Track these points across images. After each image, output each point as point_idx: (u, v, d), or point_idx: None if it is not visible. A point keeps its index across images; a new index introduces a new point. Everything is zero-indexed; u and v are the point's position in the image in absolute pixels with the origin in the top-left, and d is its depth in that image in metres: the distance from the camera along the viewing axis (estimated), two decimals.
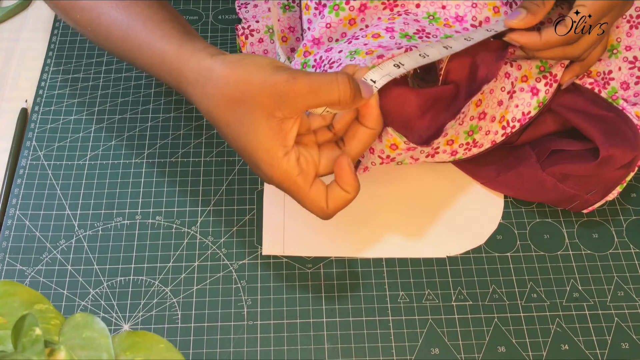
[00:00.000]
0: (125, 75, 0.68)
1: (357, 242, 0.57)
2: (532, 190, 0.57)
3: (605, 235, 0.58)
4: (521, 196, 0.58)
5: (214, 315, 0.53)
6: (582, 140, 0.56)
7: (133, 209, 0.59)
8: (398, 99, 0.50)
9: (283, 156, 0.43)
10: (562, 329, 0.53)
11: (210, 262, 0.56)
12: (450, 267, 0.56)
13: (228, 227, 0.58)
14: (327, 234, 0.57)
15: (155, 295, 0.54)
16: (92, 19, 0.49)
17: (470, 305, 0.54)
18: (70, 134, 0.64)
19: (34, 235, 0.57)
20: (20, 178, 0.61)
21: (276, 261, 0.56)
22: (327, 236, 0.57)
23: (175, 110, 0.66)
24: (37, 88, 0.67)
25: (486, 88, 0.51)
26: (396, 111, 0.50)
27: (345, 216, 0.58)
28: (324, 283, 0.55)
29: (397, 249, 0.57)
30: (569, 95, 0.58)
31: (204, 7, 0.74)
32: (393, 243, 0.57)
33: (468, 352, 0.52)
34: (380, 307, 0.54)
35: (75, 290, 0.55)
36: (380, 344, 0.52)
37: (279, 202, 0.59)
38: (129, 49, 0.47)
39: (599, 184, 0.56)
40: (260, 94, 0.41)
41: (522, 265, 0.56)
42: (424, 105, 0.51)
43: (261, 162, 0.43)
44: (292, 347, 0.52)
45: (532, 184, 0.57)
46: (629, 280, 0.55)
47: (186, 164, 0.62)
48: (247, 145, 0.43)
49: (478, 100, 0.52)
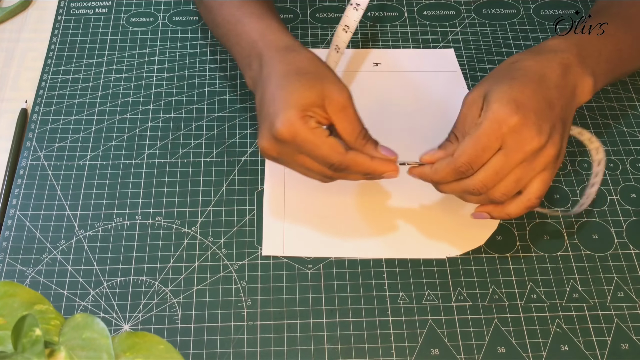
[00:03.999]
0: (125, 76, 0.68)
1: (357, 243, 0.57)
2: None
3: (605, 236, 0.58)
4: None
5: (214, 316, 0.53)
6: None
7: (133, 209, 0.59)
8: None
9: (309, 116, 0.49)
10: (562, 330, 0.53)
11: (210, 263, 0.56)
12: (450, 267, 0.56)
13: (228, 227, 0.58)
14: (327, 235, 0.57)
15: (155, 295, 0.54)
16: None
17: (470, 305, 0.54)
18: (70, 134, 0.64)
19: (34, 236, 0.57)
20: (20, 178, 0.61)
21: (276, 261, 0.56)
22: (327, 236, 0.57)
23: (175, 110, 0.66)
24: (37, 88, 0.67)
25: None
26: None
27: (345, 217, 0.58)
28: (324, 283, 0.55)
29: (397, 250, 0.57)
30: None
31: None
32: (393, 243, 0.57)
33: (468, 352, 0.52)
34: (380, 308, 0.54)
35: (75, 290, 0.55)
36: (380, 345, 0.52)
37: (279, 203, 0.59)
38: (238, 14, 0.57)
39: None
40: (328, 84, 0.49)
41: (521, 266, 0.56)
42: None
43: (292, 107, 0.48)
44: (292, 348, 0.52)
45: None
46: (628, 281, 0.55)
47: (186, 164, 0.62)
48: (292, 91, 0.49)
49: None
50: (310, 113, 0.49)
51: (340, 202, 0.59)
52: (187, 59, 0.70)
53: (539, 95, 0.48)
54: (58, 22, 0.73)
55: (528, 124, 0.46)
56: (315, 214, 0.59)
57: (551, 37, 0.55)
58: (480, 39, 0.72)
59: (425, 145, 0.62)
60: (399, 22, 0.73)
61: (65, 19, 0.74)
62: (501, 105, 0.46)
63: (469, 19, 0.74)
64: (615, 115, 0.66)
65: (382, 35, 0.72)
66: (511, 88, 0.47)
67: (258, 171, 0.61)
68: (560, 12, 0.75)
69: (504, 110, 0.46)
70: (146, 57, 0.70)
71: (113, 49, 0.71)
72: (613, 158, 0.63)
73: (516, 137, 0.46)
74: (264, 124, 0.50)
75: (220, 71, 0.69)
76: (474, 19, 0.74)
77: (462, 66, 0.69)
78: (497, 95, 0.47)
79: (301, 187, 0.60)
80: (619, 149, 0.63)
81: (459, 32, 0.73)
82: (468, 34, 0.72)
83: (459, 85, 0.68)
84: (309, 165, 0.50)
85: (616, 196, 0.60)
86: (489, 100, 0.47)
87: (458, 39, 0.72)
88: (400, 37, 0.72)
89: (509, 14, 0.75)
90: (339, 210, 0.59)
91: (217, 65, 0.69)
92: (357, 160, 0.49)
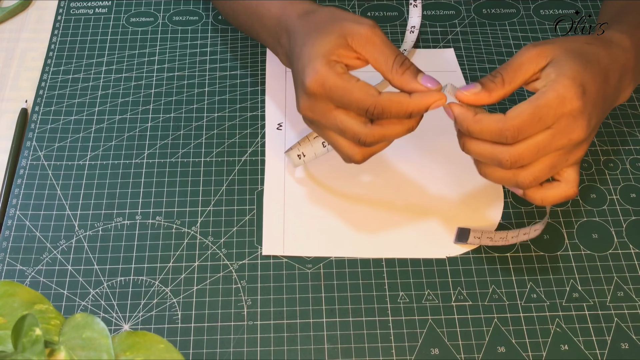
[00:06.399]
0: (125, 76, 0.68)
1: (357, 242, 0.57)
2: None
3: (605, 236, 0.58)
4: None
5: (214, 316, 0.53)
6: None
7: (133, 209, 0.59)
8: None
9: (334, 61, 0.48)
10: (562, 329, 0.53)
11: (210, 262, 0.56)
12: (450, 267, 0.56)
13: (228, 227, 0.58)
14: (327, 234, 0.57)
15: (155, 295, 0.54)
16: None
17: (470, 305, 0.54)
18: (70, 134, 0.64)
19: (34, 236, 0.57)
20: (20, 178, 0.61)
21: (276, 261, 0.56)
22: (327, 236, 0.57)
23: (175, 110, 0.66)
24: (37, 88, 0.67)
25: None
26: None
27: (345, 216, 0.58)
28: (324, 283, 0.55)
29: (397, 249, 0.57)
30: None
31: (204, 8, 0.75)
32: (393, 243, 0.57)
33: (468, 352, 0.52)
34: (380, 308, 0.54)
35: (75, 290, 0.55)
36: (380, 344, 0.52)
37: (279, 202, 0.59)
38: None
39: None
40: (346, 22, 0.49)
41: (521, 266, 0.56)
42: None
43: (316, 58, 0.47)
44: (292, 347, 0.52)
45: None
46: (628, 281, 0.55)
47: (186, 164, 0.62)
48: (313, 43, 0.48)
49: None
50: (334, 57, 0.47)
51: (340, 202, 0.59)
52: (187, 59, 0.70)
53: (600, 90, 0.46)
54: (58, 22, 0.73)
55: (585, 113, 0.44)
56: (315, 214, 0.59)
57: (612, 27, 0.51)
58: (480, 38, 0.72)
59: (425, 145, 0.63)
60: (398, 22, 0.73)
61: (65, 19, 0.74)
62: (573, 84, 0.44)
63: (468, 18, 0.74)
64: (615, 115, 0.66)
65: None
66: (585, 71, 0.45)
67: (258, 171, 0.61)
68: (560, 12, 0.75)
69: (573, 90, 0.44)
70: (146, 57, 0.70)
71: (113, 49, 0.71)
72: (613, 158, 0.63)
73: (571, 121, 0.44)
74: (298, 88, 0.49)
75: (220, 71, 0.69)
76: (474, 19, 0.74)
77: (462, 66, 0.69)
78: (570, 71, 0.44)
79: (301, 187, 0.60)
80: (619, 149, 0.63)
81: (459, 32, 0.73)
82: (468, 33, 0.72)
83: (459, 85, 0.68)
84: (344, 121, 0.47)
85: (616, 196, 0.60)
86: (561, 72, 0.44)
87: (458, 38, 0.72)
88: (400, 37, 0.72)
89: (509, 13, 0.75)
90: (339, 210, 0.59)
91: (217, 65, 0.69)
92: (393, 99, 0.46)
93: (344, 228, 0.58)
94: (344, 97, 0.46)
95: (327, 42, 0.48)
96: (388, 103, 0.46)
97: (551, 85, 0.44)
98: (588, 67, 0.46)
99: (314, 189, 0.60)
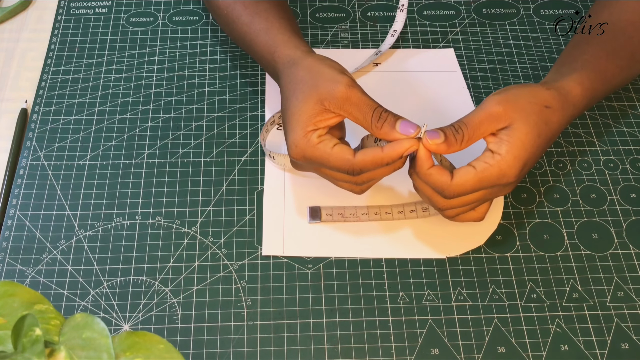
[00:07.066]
0: (125, 76, 0.68)
1: (357, 242, 0.57)
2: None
3: (604, 236, 0.58)
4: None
5: (214, 316, 0.53)
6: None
7: (133, 209, 0.59)
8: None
9: (311, 131, 0.50)
10: (562, 330, 0.53)
11: (210, 262, 0.56)
12: (450, 267, 0.56)
13: (228, 227, 0.58)
14: (327, 234, 0.57)
15: (155, 295, 0.54)
16: (228, 4, 0.62)
17: (470, 305, 0.54)
18: (70, 134, 0.64)
19: (34, 236, 0.57)
20: (20, 178, 0.61)
21: (276, 261, 0.56)
22: (327, 236, 0.57)
23: (175, 110, 0.66)
24: (37, 88, 0.67)
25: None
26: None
27: None
28: (324, 283, 0.55)
29: (397, 249, 0.57)
30: None
31: (204, 8, 0.75)
32: (393, 243, 0.57)
33: (468, 352, 0.52)
34: (380, 308, 0.54)
35: (75, 290, 0.55)
36: (380, 345, 0.52)
37: (279, 202, 0.59)
38: (249, 32, 0.59)
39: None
40: (323, 84, 0.51)
41: (521, 266, 0.56)
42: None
43: (294, 130, 0.51)
44: (292, 348, 0.52)
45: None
46: (628, 281, 0.55)
47: (186, 164, 0.62)
48: (293, 112, 0.51)
49: None
50: (311, 127, 0.50)
51: (340, 202, 0.59)
52: (187, 59, 0.70)
53: (544, 145, 0.50)
54: (58, 22, 0.73)
55: (519, 176, 0.49)
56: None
57: (573, 81, 0.54)
58: (480, 38, 0.72)
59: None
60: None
61: (65, 19, 0.74)
62: (516, 164, 0.48)
63: (468, 18, 0.74)
64: (615, 115, 0.66)
65: (382, 35, 0.72)
66: (535, 141, 0.49)
67: (258, 171, 0.61)
68: (560, 12, 0.75)
69: (515, 168, 0.48)
70: (146, 57, 0.70)
71: (113, 49, 0.71)
72: (613, 158, 0.63)
73: (505, 187, 0.50)
74: (286, 136, 0.52)
75: (220, 71, 0.69)
76: (474, 19, 0.74)
77: (462, 66, 0.69)
78: (518, 150, 0.48)
79: (301, 187, 0.60)
80: (619, 149, 0.63)
81: (459, 32, 0.73)
82: (468, 33, 0.73)
83: (459, 85, 0.68)
84: (333, 174, 0.52)
85: (616, 196, 0.60)
86: (511, 146, 0.48)
87: (458, 38, 0.72)
88: (400, 37, 0.72)
89: (509, 13, 0.75)
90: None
91: (217, 65, 0.69)
92: (367, 159, 0.49)
93: (344, 228, 0.58)
94: (323, 164, 0.50)
95: (304, 112, 0.50)
96: (363, 163, 0.49)
97: (497, 162, 0.48)
98: (541, 135, 0.49)
99: (313, 189, 0.60)
